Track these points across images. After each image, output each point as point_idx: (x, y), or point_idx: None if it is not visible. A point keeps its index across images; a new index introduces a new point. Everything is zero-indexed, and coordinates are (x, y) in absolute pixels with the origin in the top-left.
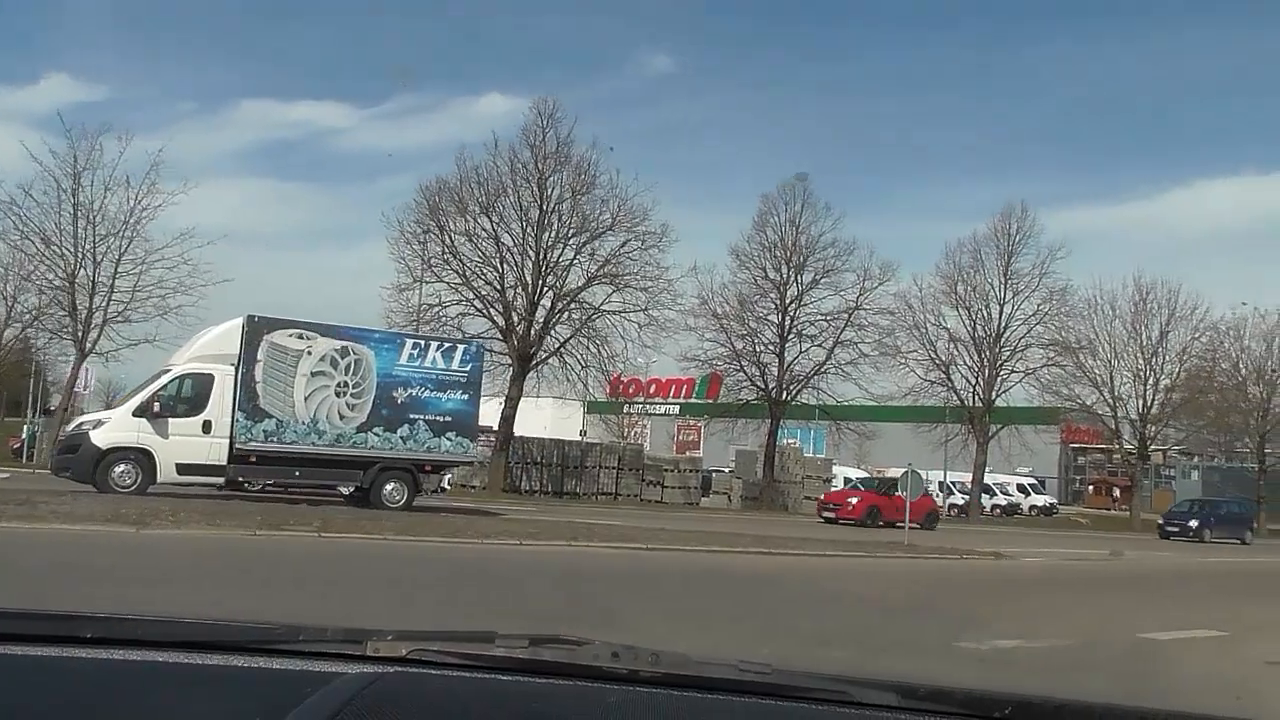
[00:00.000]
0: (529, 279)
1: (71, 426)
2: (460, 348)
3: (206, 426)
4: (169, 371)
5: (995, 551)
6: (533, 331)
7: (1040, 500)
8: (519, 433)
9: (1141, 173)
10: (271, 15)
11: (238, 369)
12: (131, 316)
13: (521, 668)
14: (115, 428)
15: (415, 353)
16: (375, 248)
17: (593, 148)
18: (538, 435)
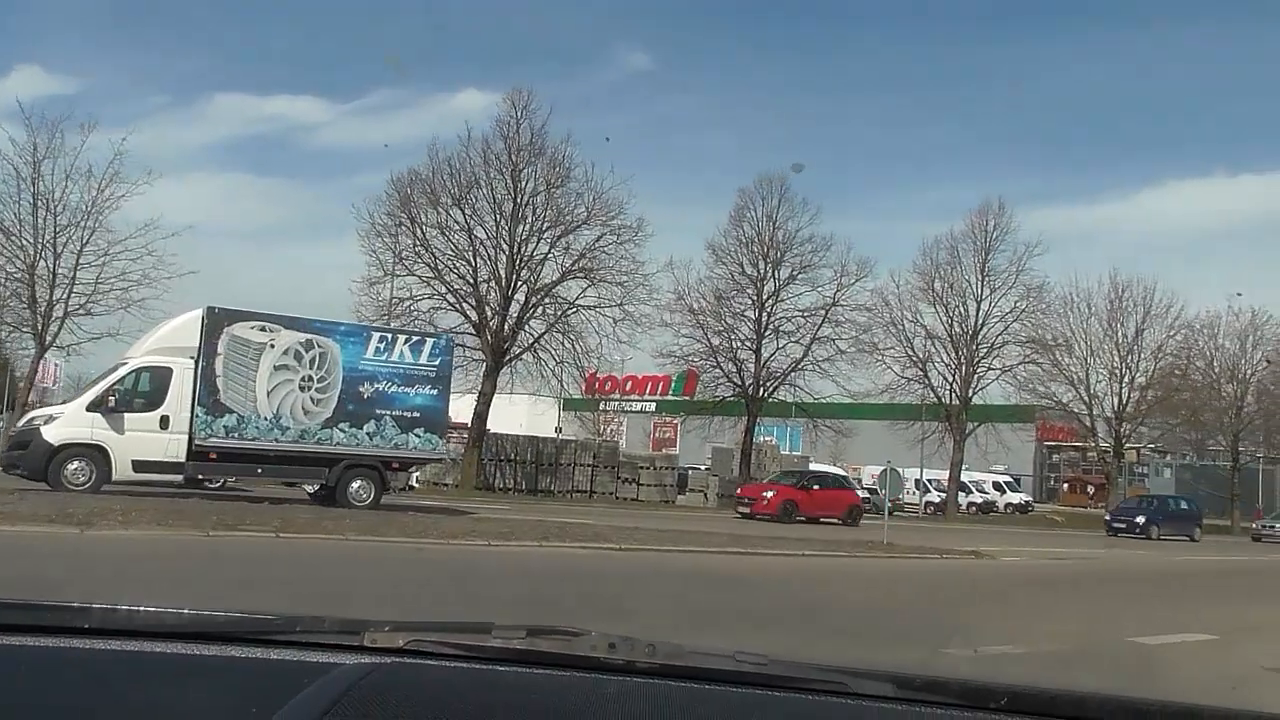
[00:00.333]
0: (502, 273)
1: (23, 422)
2: (429, 341)
3: (164, 422)
4: (125, 365)
5: (974, 550)
6: (506, 326)
7: (1015, 498)
8: (493, 430)
9: (1115, 174)
10: (246, 9)
11: (197, 362)
12: (93, 309)
13: (518, 658)
14: (68, 423)
15: (382, 346)
16: (351, 243)
17: (567, 140)
18: (513, 433)
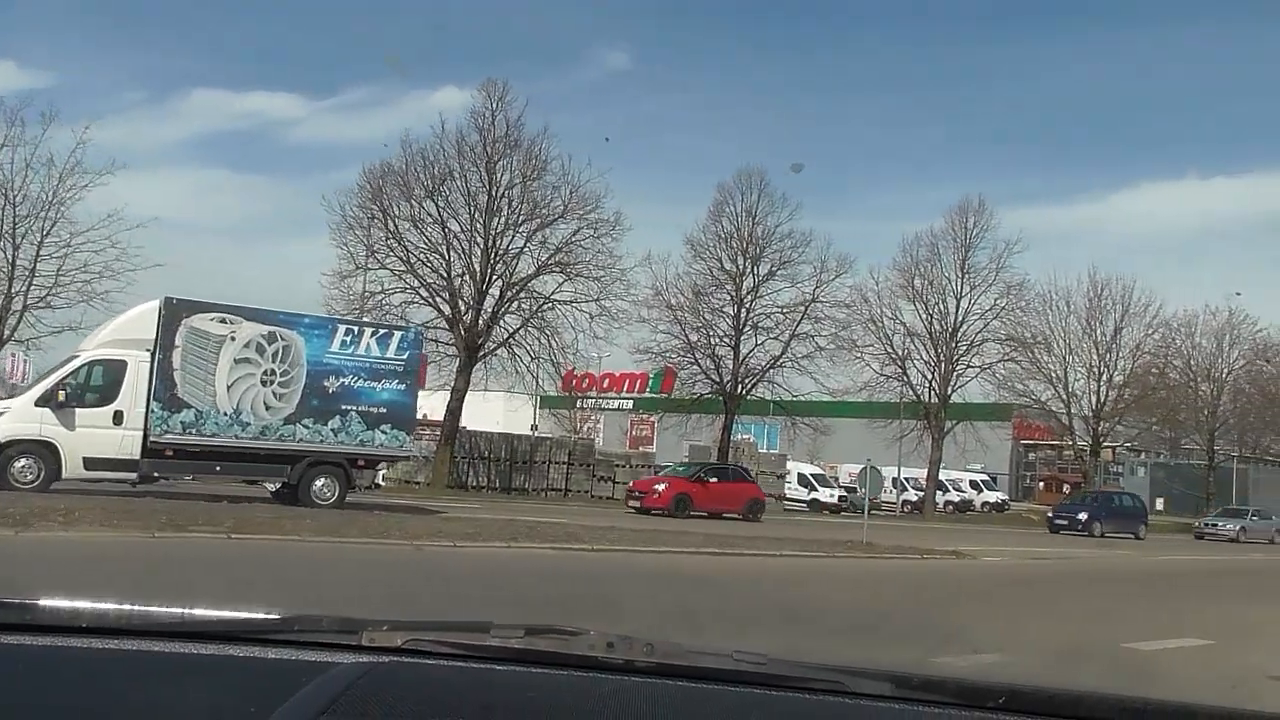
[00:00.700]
0: (477, 267)
1: None
2: (397, 334)
3: (118, 417)
4: (77, 358)
5: (954, 550)
6: (481, 321)
7: (992, 497)
8: (468, 427)
9: (1091, 175)
10: (221, 5)
11: (154, 355)
12: (54, 302)
13: (517, 658)
14: (15, 418)
15: (348, 339)
16: (326, 239)
17: (544, 133)
18: (487, 430)
